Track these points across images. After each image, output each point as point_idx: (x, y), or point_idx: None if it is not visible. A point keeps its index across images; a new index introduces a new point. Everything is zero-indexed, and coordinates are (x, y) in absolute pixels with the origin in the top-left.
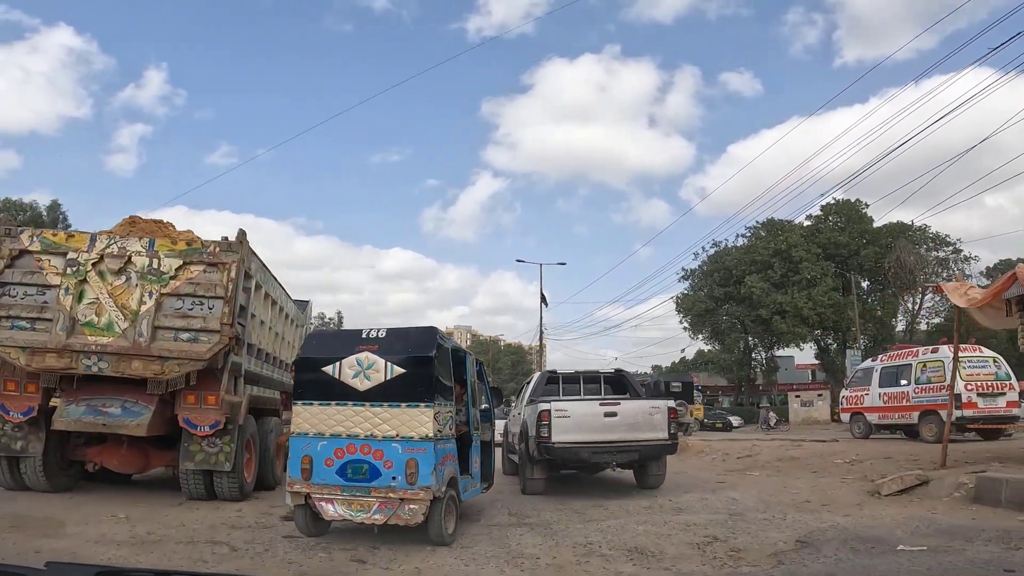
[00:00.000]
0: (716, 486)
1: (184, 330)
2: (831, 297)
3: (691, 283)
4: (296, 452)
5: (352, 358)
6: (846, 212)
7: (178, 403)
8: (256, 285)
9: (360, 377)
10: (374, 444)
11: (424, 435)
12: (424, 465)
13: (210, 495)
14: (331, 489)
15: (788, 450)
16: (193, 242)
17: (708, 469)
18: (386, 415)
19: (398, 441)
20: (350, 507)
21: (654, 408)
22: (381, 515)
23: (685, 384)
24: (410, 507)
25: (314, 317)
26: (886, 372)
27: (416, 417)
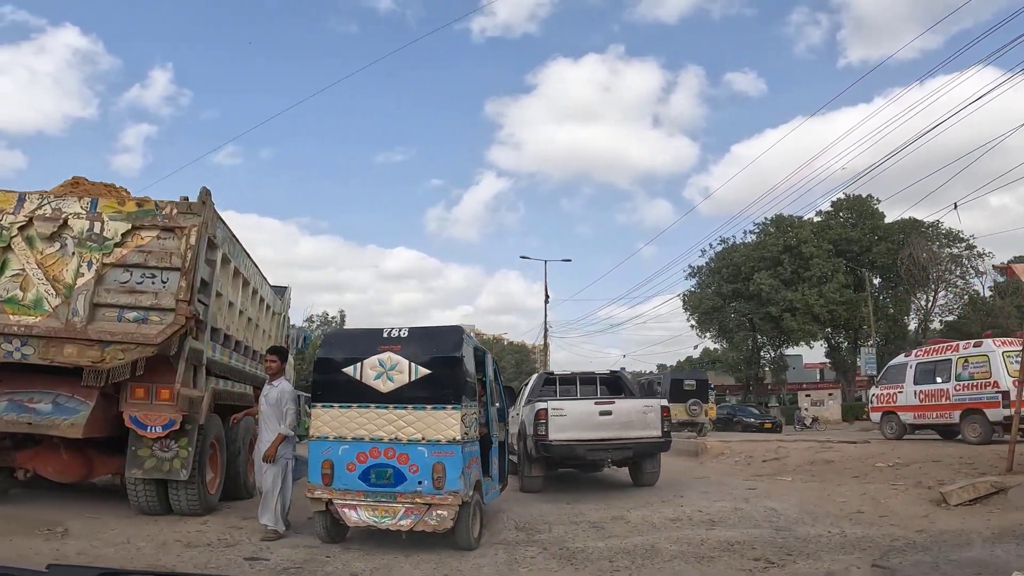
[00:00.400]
0: (747, 493)
1: (131, 308)
2: (843, 294)
3: (698, 280)
4: (316, 456)
5: (374, 358)
6: (857, 208)
7: (124, 398)
8: (223, 258)
9: (383, 378)
10: (399, 448)
11: (451, 438)
12: (452, 469)
13: (165, 508)
14: (354, 495)
15: (819, 452)
16: (145, 203)
17: (733, 473)
18: (411, 417)
19: (424, 444)
20: (375, 513)
21: (647, 407)
22: (408, 521)
23: (699, 382)
24: (438, 513)
25: (316, 316)
26: (922, 368)
27: (443, 419)
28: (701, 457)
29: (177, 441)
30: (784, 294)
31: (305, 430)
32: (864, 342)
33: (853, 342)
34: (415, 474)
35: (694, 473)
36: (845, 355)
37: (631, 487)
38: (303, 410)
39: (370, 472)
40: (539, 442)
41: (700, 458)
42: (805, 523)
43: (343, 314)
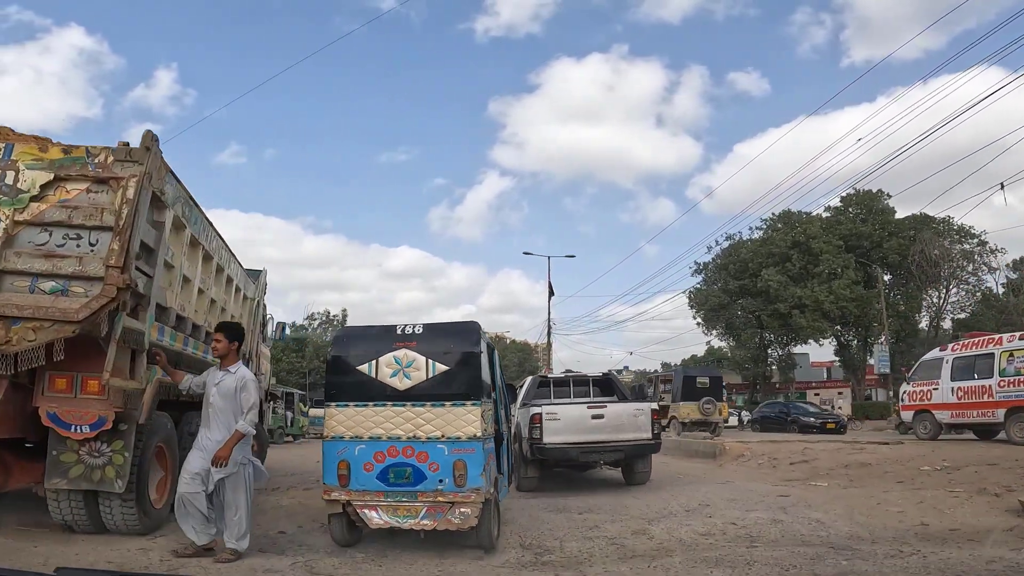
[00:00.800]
0: (781, 501)
1: (47, 276)
2: (853, 291)
3: (704, 277)
4: (331, 457)
5: (389, 356)
6: (867, 203)
7: (40, 390)
8: (175, 222)
9: (399, 376)
10: (417, 446)
11: (472, 435)
12: (473, 466)
13: (97, 525)
14: (373, 495)
15: (851, 454)
16: (73, 150)
17: (758, 477)
18: (429, 415)
19: (444, 442)
20: (396, 513)
21: (638, 410)
22: (430, 520)
23: (713, 379)
24: (461, 511)
25: (318, 314)
26: (960, 363)
27: (463, 416)
28: (719, 459)
29: (110, 444)
30: (793, 291)
31: (300, 430)
32: (875, 340)
33: (863, 340)
34: (435, 472)
35: (715, 477)
36: (855, 353)
37: (646, 491)
38: (297, 409)
39: (388, 472)
40: (534, 445)
41: (718, 460)
42: (863, 539)
43: (345, 312)
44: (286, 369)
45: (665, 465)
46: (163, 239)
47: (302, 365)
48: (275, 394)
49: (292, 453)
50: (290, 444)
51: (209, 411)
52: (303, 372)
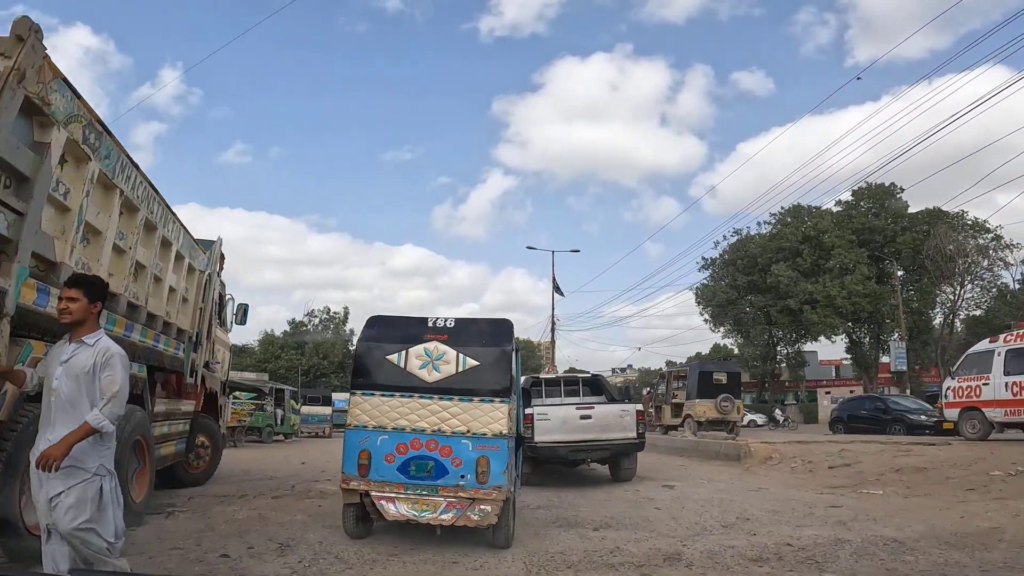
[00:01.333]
0: (836, 513)
1: None
2: (866, 286)
3: (711, 273)
4: (352, 446)
5: (420, 347)
6: (879, 196)
7: None
8: (72, 149)
9: (428, 368)
10: (441, 440)
11: (497, 432)
12: (496, 463)
13: None
14: (393, 487)
15: (897, 456)
16: None
17: (797, 484)
18: (456, 409)
19: (468, 437)
20: (415, 506)
21: (624, 411)
22: (449, 515)
23: (731, 375)
24: (481, 508)
25: (318, 310)
26: (1016, 355)
27: (490, 412)
28: (745, 461)
29: None
30: (804, 286)
31: (291, 428)
32: (888, 337)
33: (875, 337)
34: (458, 467)
35: (746, 483)
36: (867, 351)
37: (669, 501)
38: (288, 406)
39: (410, 464)
40: (526, 444)
41: (744, 463)
42: (967, 567)
43: (347, 310)
44: (285, 366)
45: (684, 469)
46: (46, 166)
47: (301, 363)
48: (262, 389)
49: (277, 453)
50: (280, 443)
51: (51, 401)
52: (302, 370)
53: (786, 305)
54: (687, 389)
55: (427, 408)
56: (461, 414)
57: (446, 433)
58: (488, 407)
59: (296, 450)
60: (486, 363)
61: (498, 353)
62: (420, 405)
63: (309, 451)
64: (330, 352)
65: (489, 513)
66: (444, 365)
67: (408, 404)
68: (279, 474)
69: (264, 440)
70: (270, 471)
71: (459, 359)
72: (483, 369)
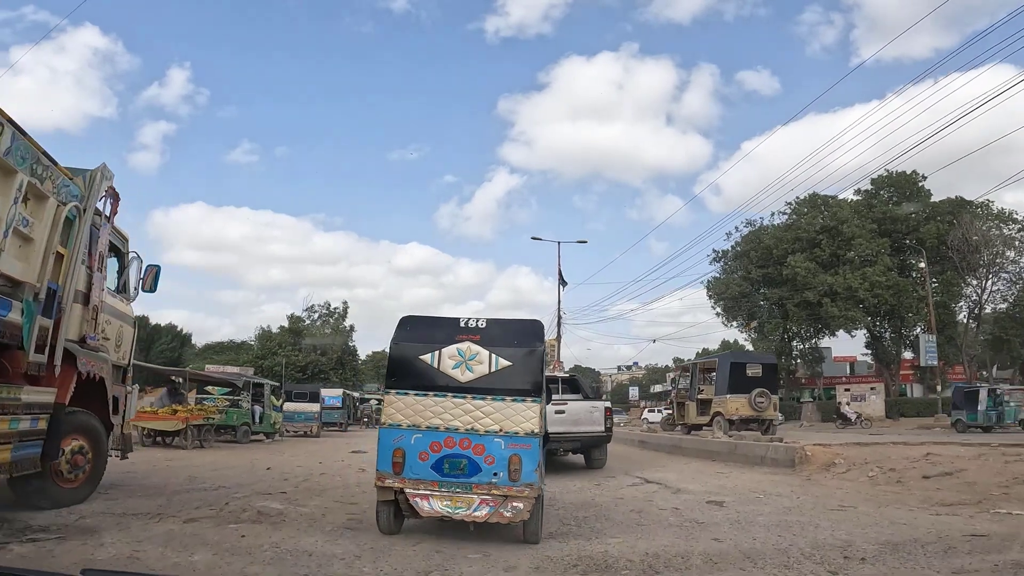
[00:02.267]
0: (985, 543)
1: None
2: (889, 277)
3: (723, 265)
4: (387, 444)
5: (453, 348)
6: (901, 185)
7: None
8: None
9: (461, 368)
10: (474, 438)
11: (529, 431)
12: (528, 462)
13: None
14: (428, 484)
15: (1011, 463)
16: None
17: (892, 501)
18: (489, 408)
19: (501, 436)
20: (449, 503)
21: (594, 407)
22: (483, 512)
23: (766, 367)
24: (514, 505)
25: (318, 305)
26: None
27: (522, 412)
28: (802, 468)
29: None
30: (823, 278)
31: (272, 427)
32: (911, 330)
33: (896, 331)
34: (490, 465)
35: (816, 499)
36: (888, 346)
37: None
38: (268, 403)
39: (443, 462)
40: None
41: (801, 470)
42: None
43: (346, 305)
44: (282, 363)
45: (724, 477)
46: None
47: (299, 359)
48: (235, 384)
49: (247, 456)
50: (258, 444)
51: None
52: (300, 366)
53: (804, 298)
54: (716, 383)
55: (460, 407)
56: (494, 413)
57: (479, 432)
58: (520, 406)
59: (271, 452)
60: (518, 363)
61: (529, 353)
62: (453, 404)
63: (286, 453)
64: (329, 348)
65: (521, 510)
66: (477, 365)
67: (442, 403)
68: (230, 483)
69: (239, 440)
70: (223, 479)
71: (492, 359)
72: (515, 369)
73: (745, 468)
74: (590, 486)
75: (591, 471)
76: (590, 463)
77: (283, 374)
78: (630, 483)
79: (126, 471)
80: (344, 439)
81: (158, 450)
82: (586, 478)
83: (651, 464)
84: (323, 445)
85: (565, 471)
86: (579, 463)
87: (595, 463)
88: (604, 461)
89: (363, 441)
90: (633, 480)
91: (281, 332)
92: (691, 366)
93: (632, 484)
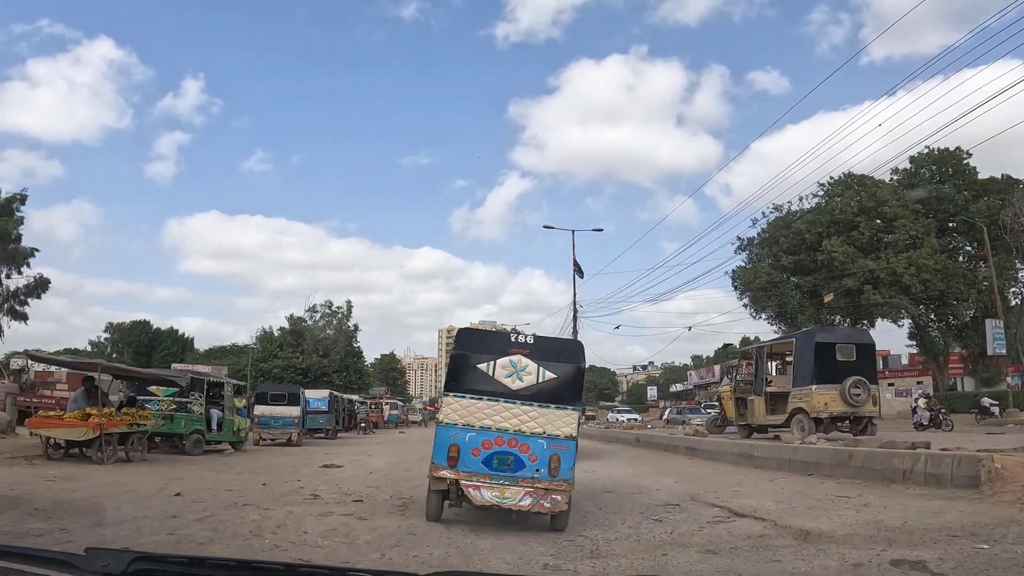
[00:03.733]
0: None
1: None
2: (937, 260)
3: (749, 254)
4: (443, 440)
5: (506, 359)
6: (944, 162)
7: None
8: None
9: (513, 377)
10: (521, 438)
11: (568, 434)
12: (566, 460)
13: None
14: (480, 477)
15: None
16: None
17: None
18: (534, 413)
19: (544, 438)
20: (499, 494)
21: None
22: (528, 502)
23: (860, 348)
24: (554, 497)
25: (320, 305)
26: None
27: (563, 418)
28: (992, 491)
29: None
30: (863, 263)
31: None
32: (960, 318)
33: (943, 320)
34: (533, 463)
35: None
36: (936, 336)
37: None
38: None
39: (493, 458)
40: None
41: (989, 493)
42: None
43: (350, 304)
44: (281, 365)
45: (863, 507)
46: None
47: (299, 360)
48: (177, 382)
49: (162, 476)
50: (218, 455)
51: None
52: (301, 368)
53: (842, 285)
54: (795, 371)
55: (509, 411)
56: (539, 418)
57: (525, 433)
58: (562, 413)
59: (215, 468)
60: (563, 377)
61: (574, 369)
62: (504, 408)
63: (236, 468)
64: (331, 349)
65: (559, 502)
66: (527, 376)
67: (494, 407)
68: (67, 522)
69: (189, 452)
70: (67, 514)
71: (540, 371)
72: (560, 381)
73: (879, 489)
74: (649, 523)
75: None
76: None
77: (285, 377)
78: (711, 517)
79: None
80: (326, 448)
81: (68, 465)
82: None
83: (721, 482)
84: (294, 457)
85: (604, 503)
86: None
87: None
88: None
89: (349, 451)
90: (713, 512)
91: (282, 334)
92: (755, 351)
93: (715, 520)
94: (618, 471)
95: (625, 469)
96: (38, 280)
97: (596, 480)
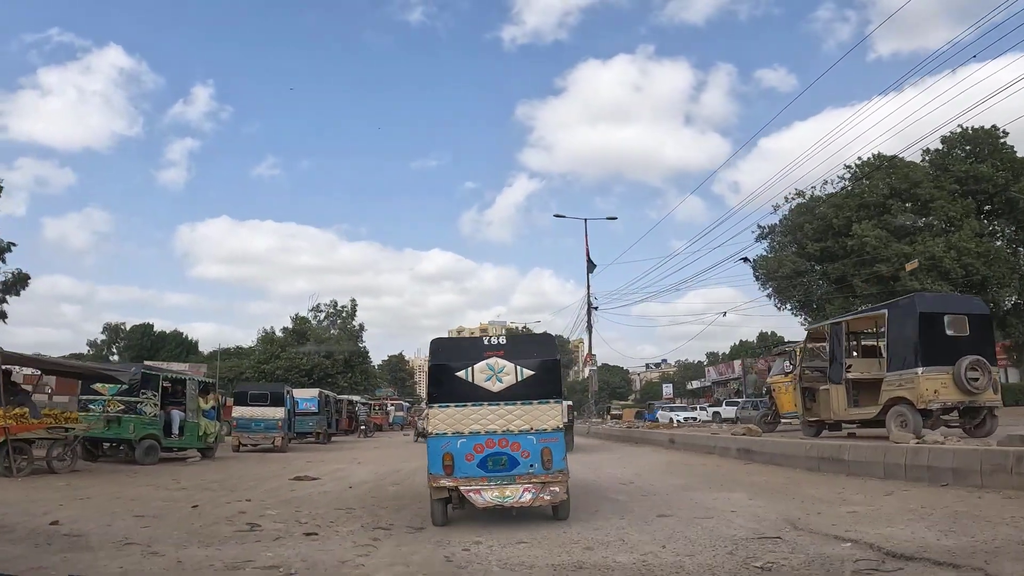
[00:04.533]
0: None
1: None
2: (979, 243)
3: (771, 242)
4: (436, 451)
5: (483, 363)
6: (979, 141)
7: None
8: None
9: (493, 380)
10: (511, 438)
11: (555, 427)
12: (557, 452)
13: None
14: (477, 481)
15: None
16: None
17: None
18: (519, 412)
19: (532, 433)
20: (499, 494)
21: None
22: (528, 497)
23: (973, 319)
24: (552, 489)
25: (324, 305)
26: None
27: (547, 412)
28: None
29: None
30: (897, 248)
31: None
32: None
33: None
34: (527, 459)
35: None
36: None
37: None
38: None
39: (487, 460)
40: None
41: None
42: None
43: (354, 303)
44: (284, 367)
45: None
46: None
47: (302, 362)
48: (117, 378)
49: (63, 494)
50: (179, 464)
51: None
52: (305, 369)
53: (875, 271)
54: (890, 351)
55: (495, 413)
56: (524, 415)
57: (514, 432)
58: (545, 407)
59: (160, 481)
60: (540, 372)
61: (549, 363)
62: (489, 411)
63: (182, 481)
64: (335, 350)
65: (558, 492)
66: (506, 376)
67: (479, 411)
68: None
69: (140, 460)
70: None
71: (518, 371)
72: (538, 377)
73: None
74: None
75: (711, 520)
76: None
77: (288, 378)
78: (855, 564)
79: None
80: (312, 455)
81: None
82: (722, 545)
83: (815, 498)
84: (270, 466)
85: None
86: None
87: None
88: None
89: (337, 457)
90: (848, 551)
91: (285, 334)
92: (830, 328)
93: (867, 570)
94: (660, 482)
95: (669, 479)
96: (16, 275)
97: (639, 493)
